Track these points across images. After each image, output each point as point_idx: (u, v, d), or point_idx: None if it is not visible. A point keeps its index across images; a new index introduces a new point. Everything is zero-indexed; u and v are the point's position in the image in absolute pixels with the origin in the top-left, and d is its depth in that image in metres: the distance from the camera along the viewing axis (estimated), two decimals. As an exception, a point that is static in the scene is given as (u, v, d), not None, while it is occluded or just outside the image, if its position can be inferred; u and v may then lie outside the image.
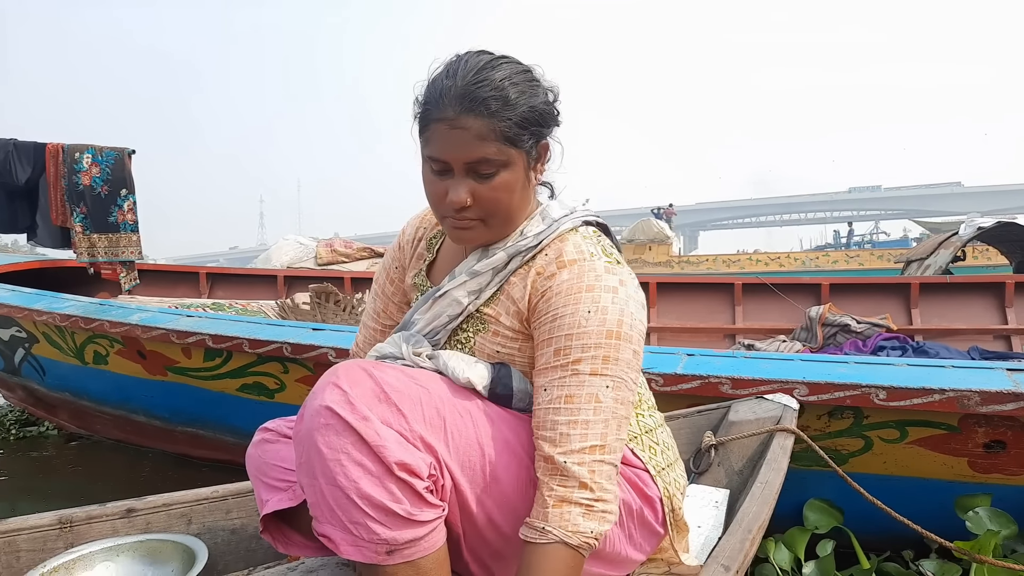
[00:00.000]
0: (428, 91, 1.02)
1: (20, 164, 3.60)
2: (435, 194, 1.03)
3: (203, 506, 1.43)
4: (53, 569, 1.20)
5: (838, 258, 14.34)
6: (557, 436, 0.95)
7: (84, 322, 2.67)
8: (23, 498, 2.65)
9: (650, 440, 1.16)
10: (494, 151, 0.98)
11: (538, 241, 1.06)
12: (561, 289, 1.00)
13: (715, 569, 1.04)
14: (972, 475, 1.71)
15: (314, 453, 0.89)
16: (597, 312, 0.97)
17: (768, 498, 1.27)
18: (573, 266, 1.01)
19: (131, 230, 3.69)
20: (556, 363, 0.97)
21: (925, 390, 1.59)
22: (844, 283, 4.78)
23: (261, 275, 5.63)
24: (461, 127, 0.97)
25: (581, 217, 1.10)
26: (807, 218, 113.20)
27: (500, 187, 1.01)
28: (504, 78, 0.99)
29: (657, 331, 4.74)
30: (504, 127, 0.98)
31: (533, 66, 1.06)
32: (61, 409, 3.34)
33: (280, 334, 2.32)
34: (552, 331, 0.99)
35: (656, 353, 1.95)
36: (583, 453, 0.94)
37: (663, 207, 21.71)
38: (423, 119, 1.02)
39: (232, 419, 2.64)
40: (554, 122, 1.07)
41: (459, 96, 0.97)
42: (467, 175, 1.00)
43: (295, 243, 7.90)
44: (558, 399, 0.96)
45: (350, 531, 0.88)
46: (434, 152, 1.00)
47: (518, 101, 0.99)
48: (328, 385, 0.92)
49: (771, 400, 1.65)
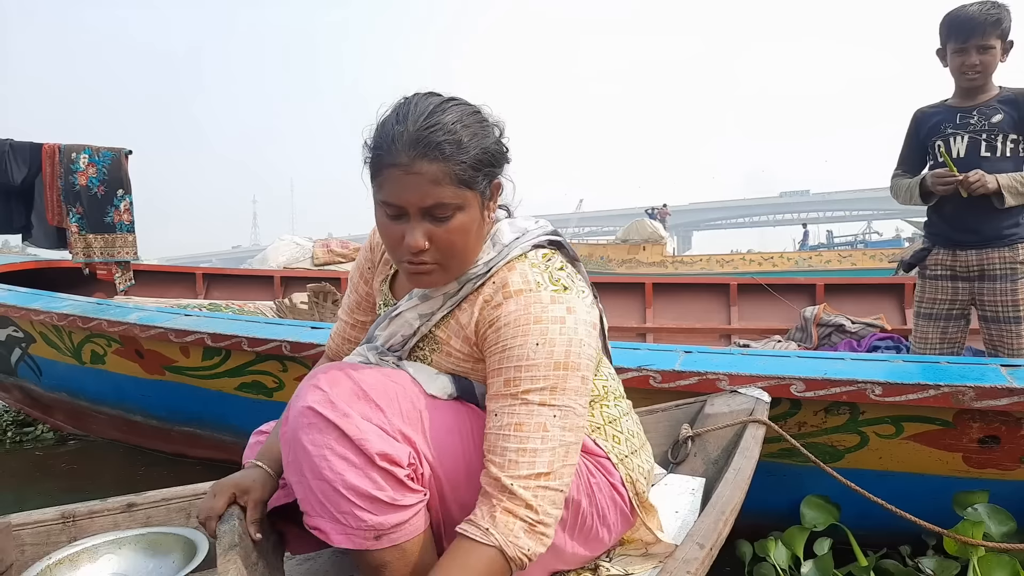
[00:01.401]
0: (378, 136, 1.01)
1: (16, 164, 3.59)
2: (391, 238, 1.03)
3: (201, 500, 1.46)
4: (58, 562, 1.22)
5: (831, 258, 14.37)
6: (506, 462, 0.97)
7: (82, 321, 2.66)
8: (20, 500, 2.65)
9: (613, 430, 1.21)
10: (450, 194, 0.98)
11: (487, 268, 1.07)
12: (509, 320, 1.01)
13: (690, 547, 1.12)
14: (967, 470, 1.72)
15: (300, 451, 0.96)
16: (545, 344, 0.98)
17: (741, 483, 1.34)
18: (520, 297, 1.02)
19: (127, 230, 3.69)
20: (507, 392, 0.99)
21: (920, 385, 1.61)
22: (839, 283, 4.81)
23: (257, 275, 5.63)
24: (416, 172, 0.97)
25: (531, 241, 1.11)
26: (800, 218, 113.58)
27: (456, 229, 1.01)
28: (455, 121, 0.99)
29: (653, 331, 4.77)
30: (459, 170, 0.98)
31: (481, 106, 1.07)
32: (57, 409, 3.33)
33: (279, 333, 2.32)
34: (502, 361, 1.00)
35: (654, 350, 1.97)
36: (529, 479, 0.96)
37: (657, 207, 21.75)
38: (375, 164, 1.01)
39: (230, 418, 2.64)
40: (504, 160, 1.08)
41: (412, 141, 0.97)
42: (423, 219, 1.00)
43: (291, 243, 7.89)
44: (508, 426, 0.98)
45: (339, 521, 0.95)
46: (389, 197, 1.00)
47: (471, 144, 1.00)
48: (309, 387, 0.99)
49: (744, 393, 1.71)
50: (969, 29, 2.17)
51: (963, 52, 2.21)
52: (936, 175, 2.24)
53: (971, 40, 2.18)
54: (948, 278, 2.33)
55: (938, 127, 2.31)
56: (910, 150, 2.45)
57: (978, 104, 2.26)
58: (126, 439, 3.17)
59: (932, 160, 2.35)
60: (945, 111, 2.32)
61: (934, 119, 2.33)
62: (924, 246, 2.41)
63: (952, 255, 2.31)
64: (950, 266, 2.32)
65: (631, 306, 5.00)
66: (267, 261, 7.90)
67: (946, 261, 2.32)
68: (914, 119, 2.42)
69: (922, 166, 2.45)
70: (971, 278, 2.29)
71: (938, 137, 2.30)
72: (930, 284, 2.37)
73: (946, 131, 2.28)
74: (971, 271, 2.28)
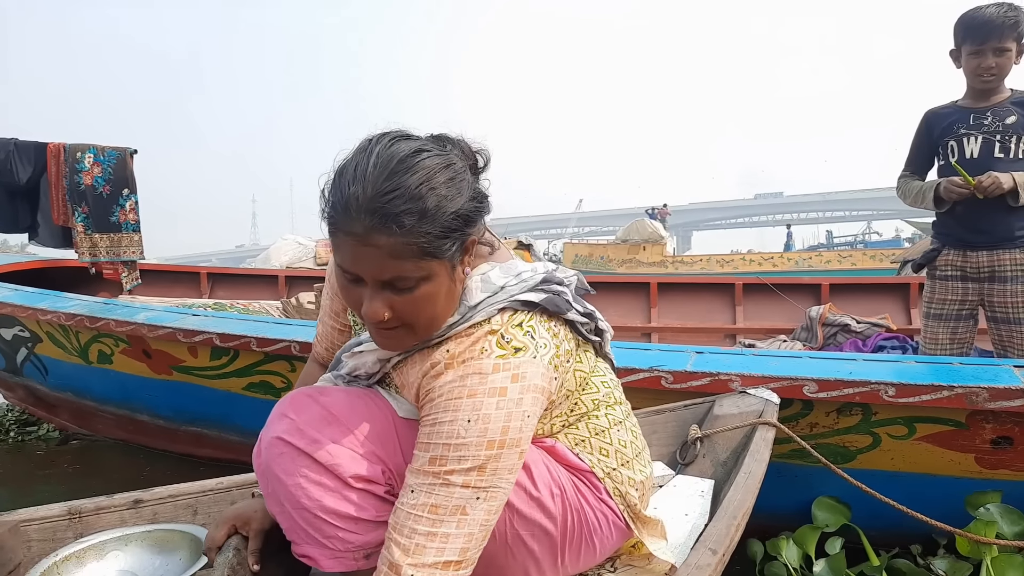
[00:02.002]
0: (334, 192, 0.89)
1: (21, 164, 3.59)
2: (351, 301, 0.94)
3: (208, 497, 1.47)
4: (64, 558, 1.22)
5: (831, 258, 14.39)
6: (412, 545, 0.87)
7: (89, 321, 2.66)
8: (23, 498, 2.65)
9: (600, 442, 1.14)
10: (411, 268, 0.88)
11: (448, 330, 0.97)
12: (443, 392, 0.92)
13: (703, 553, 1.11)
14: (979, 471, 1.72)
15: (275, 482, 0.95)
16: (478, 421, 0.89)
17: (752, 487, 1.33)
18: (459, 367, 0.93)
19: (133, 230, 3.69)
20: (429, 469, 0.90)
21: (934, 386, 1.61)
22: (844, 283, 4.81)
23: (262, 275, 5.63)
24: (371, 245, 0.86)
25: (499, 304, 0.98)
26: (800, 218, 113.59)
27: (421, 299, 0.91)
28: (421, 183, 0.86)
29: (658, 331, 4.76)
30: (421, 243, 0.86)
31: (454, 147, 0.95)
32: (62, 409, 3.33)
33: (288, 332, 2.32)
34: (430, 436, 0.91)
35: (665, 351, 1.96)
36: (435, 568, 0.87)
37: (657, 207, 21.77)
38: (329, 224, 0.90)
39: (237, 418, 2.64)
40: (481, 214, 0.96)
41: (368, 210, 0.85)
42: (383, 289, 0.90)
43: (294, 243, 7.90)
44: (422, 506, 0.89)
45: (325, 546, 0.94)
46: (343, 263, 0.90)
47: (438, 210, 0.87)
48: (277, 416, 0.97)
49: (753, 395, 1.70)
50: (987, 31, 2.17)
51: (979, 54, 2.20)
52: (951, 185, 2.23)
53: (988, 42, 2.18)
54: (958, 279, 2.32)
55: (951, 128, 2.30)
56: (919, 150, 2.45)
57: (992, 105, 2.25)
58: (132, 439, 3.16)
59: (943, 160, 2.35)
60: (958, 112, 2.32)
61: (947, 120, 2.32)
62: (933, 246, 2.40)
63: (963, 256, 2.30)
64: (960, 267, 2.31)
65: (636, 306, 4.99)
66: (270, 260, 7.91)
67: (956, 262, 2.32)
68: (925, 119, 2.42)
69: (930, 166, 2.45)
70: (981, 279, 2.29)
71: (951, 138, 2.30)
72: (940, 285, 2.36)
73: (959, 131, 2.28)
74: (981, 272, 2.28)
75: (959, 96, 2.38)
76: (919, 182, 2.43)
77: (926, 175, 2.47)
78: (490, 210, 0.98)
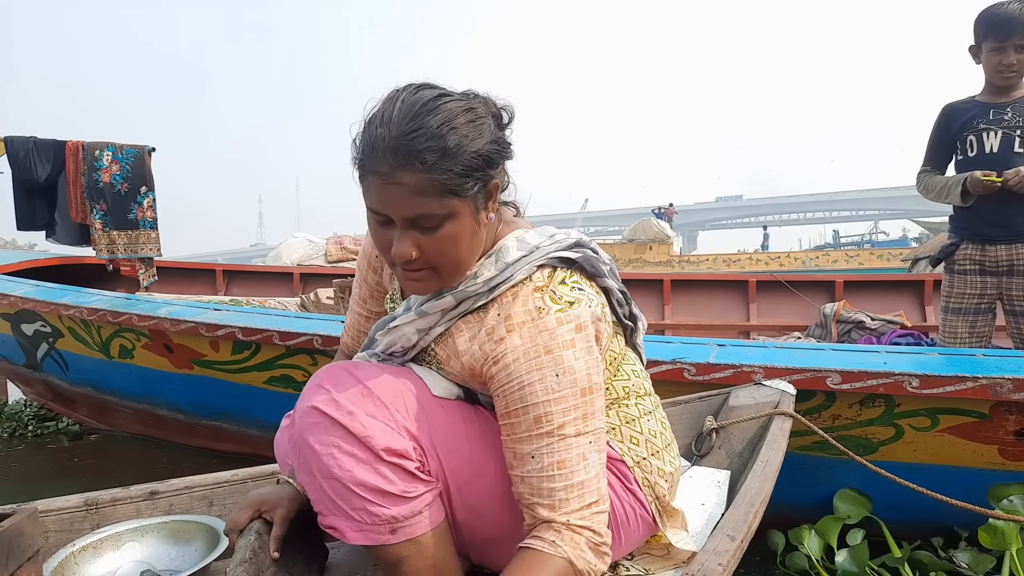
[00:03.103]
0: (363, 137, 0.95)
1: (40, 161, 3.62)
2: (380, 244, 0.98)
3: (224, 488, 1.48)
4: (81, 548, 1.23)
5: (837, 257, 14.35)
6: (556, 502, 0.94)
7: (112, 316, 2.69)
8: (41, 491, 2.67)
9: (631, 430, 1.15)
10: (435, 205, 0.92)
11: (489, 287, 1.01)
12: (518, 355, 0.96)
13: (721, 539, 1.12)
14: (1002, 463, 1.73)
15: (308, 451, 0.95)
16: (565, 373, 0.94)
17: (769, 475, 1.33)
18: (523, 329, 0.96)
19: (150, 227, 3.71)
20: (540, 431, 0.95)
21: (958, 377, 1.61)
22: (857, 280, 4.81)
23: (277, 272, 5.67)
24: (396, 183, 0.90)
25: (538, 261, 1.02)
26: (806, 218, 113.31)
27: (446, 239, 0.95)
28: (443, 123, 0.91)
29: (671, 328, 4.77)
30: (444, 179, 0.90)
31: (477, 98, 0.99)
32: (81, 403, 3.36)
33: (310, 326, 2.34)
34: (525, 399, 0.95)
35: (687, 343, 1.98)
36: (583, 511, 0.94)
37: (664, 207, 21.75)
38: (359, 168, 0.95)
39: (258, 412, 2.66)
40: (503, 157, 1.00)
41: (392, 148, 0.90)
42: (410, 228, 0.94)
43: (304, 241, 7.93)
44: (550, 466, 0.94)
45: (352, 517, 0.94)
46: (372, 205, 0.95)
47: (459, 149, 0.91)
48: (313, 387, 0.98)
49: (769, 386, 1.71)
50: (1009, 28, 2.17)
51: (1001, 51, 2.20)
52: (978, 179, 2.22)
53: (1010, 39, 2.18)
54: (977, 273, 2.33)
55: (971, 122, 2.31)
56: (938, 145, 2.45)
57: (1012, 100, 2.26)
58: (151, 433, 3.19)
59: (962, 155, 2.35)
60: (977, 107, 2.32)
61: (967, 114, 2.33)
62: (951, 241, 2.41)
63: (981, 250, 2.31)
64: (979, 261, 2.32)
65: (649, 303, 5.00)
66: (280, 258, 7.94)
67: (975, 256, 2.32)
68: (944, 114, 2.42)
69: (949, 161, 2.45)
70: (999, 273, 2.29)
71: (971, 132, 2.30)
72: (959, 279, 2.37)
73: (979, 126, 2.28)
74: (1000, 266, 2.28)
75: (976, 91, 2.39)
76: (942, 177, 2.43)
77: (946, 170, 2.47)
78: (512, 156, 1.02)
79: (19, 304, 3.02)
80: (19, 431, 3.46)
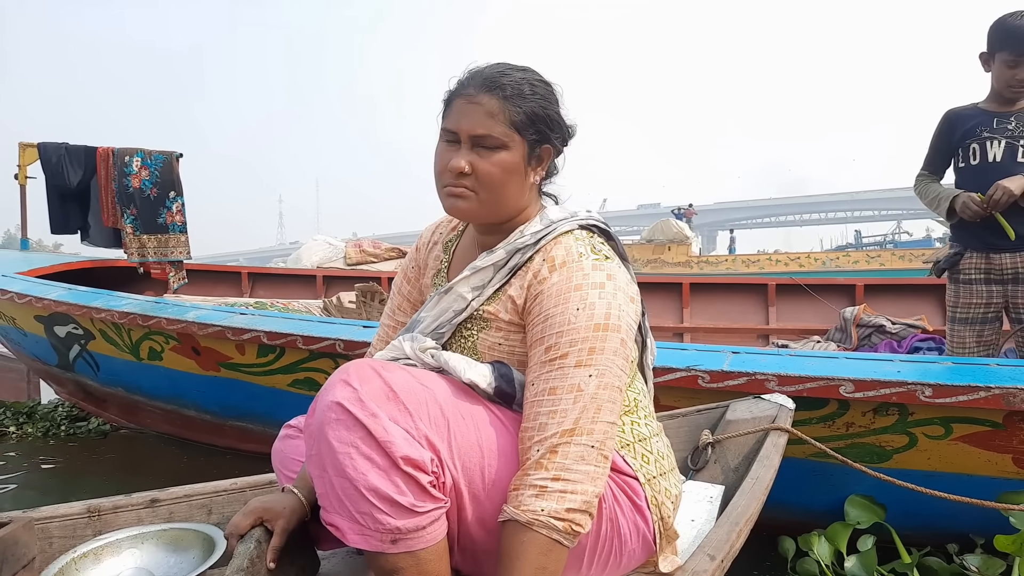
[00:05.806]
0: (457, 80, 1.14)
1: (72, 167, 3.73)
2: (440, 162, 1.12)
3: (222, 497, 1.50)
4: (83, 555, 1.25)
5: (859, 258, 14.16)
6: (536, 426, 1.00)
7: (142, 319, 2.77)
8: (75, 488, 2.75)
9: (643, 448, 1.16)
10: (499, 131, 1.08)
11: (535, 239, 1.12)
12: (552, 291, 1.06)
13: (701, 559, 1.10)
14: (1016, 471, 1.74)
15: (324, 446, 0.95)
16: (585, 308, 1.03)
17: (757, 493, 1.31)
18: (563, 268, 1.07)
19: (179, 231, 3.82)
20: (545, 359, 1.03)
21: (971, 387, 1.63)
22: (878, 284, 4.77)
23: (300, 275, 5.76)
24: (476, 102, 1.08)
25: (578, 221, 1.16)
26: (827, 218, 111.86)
27: (497, 163, 1.08)
28: (524, 80, 1.11)
29: (690, 331, 4.78)
30: (513, 112, 1.08)
31: (558, 86, 1.16)
32: (111, 404, 3.46)
33: (333, 331, 2.40)
34: (544, 331, 1.04)
35: (702, 351, 2.00)
36: (553, 438, 0.98)
37: (683, 207, 21.62)
38: (448, 99, 1.13)
39: (282, 414, 2.69)
40: (560, 131, 1.15)
41: (483, 79, 1.10)
42: (471, 148, 1.09)
43: (324, 243, 8.02)
44: (542, 392, 1.01)
45: (357, 520, 0.94)
46: (448, 124, 1.11)
47: (532, 97, 1.10)
48: (339, 382, 0.97)
49: (768, 400, 1.69)
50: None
51: (1016, 65, 2.16)
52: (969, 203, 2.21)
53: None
54: (982, 281, 2.31)
55: (973, 130, 2.28)
56: (938, 151, 2.42)
57: (1017, 111, 2.23)
58: (179, 433, 3.28)
59: (964, 163, 2.33)
60: (981, 114, 2.29)
61: (970, 122, 2.30)
62: (956, 250, 2.38)
63: (986, 258, 2.29)
64: (985, 269, 2.30)
65: (668, 305, 5.01)
66: (300, 261, 8.05)
67: (980, 264, 2.30)
68: (946, 120, 2.39)
69: (947, 167, 2.43)
70: (1005, 281, 2.28)
71: (973, 140, 2.27)
72: (964, 288, 2.35)
73: (982, 135, 2.26)
74: (1005, 274, 2.27)
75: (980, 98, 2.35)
76: (936, 186, 2.41)
77: (943, 176, 2.45)
78: (573, 135, 1.19)
79: (52, 307, 3.11)
80: (52, 430, 3.56)
